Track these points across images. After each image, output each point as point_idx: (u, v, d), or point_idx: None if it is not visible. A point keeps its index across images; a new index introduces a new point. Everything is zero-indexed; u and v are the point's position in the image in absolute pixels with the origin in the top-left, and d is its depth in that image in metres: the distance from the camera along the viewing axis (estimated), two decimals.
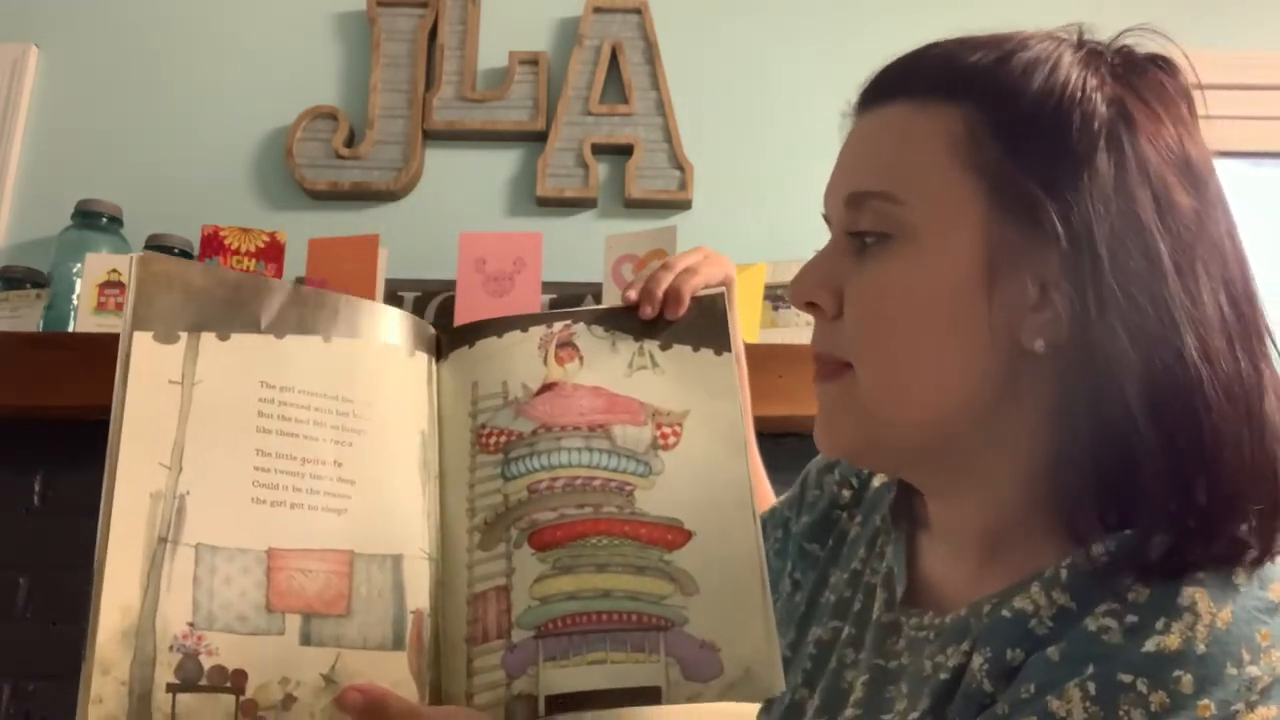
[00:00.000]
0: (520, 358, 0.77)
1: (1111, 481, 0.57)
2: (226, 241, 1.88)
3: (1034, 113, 0.60)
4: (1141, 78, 0.62)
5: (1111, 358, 0.56)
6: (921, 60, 0.65)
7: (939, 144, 0.62)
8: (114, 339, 0.66)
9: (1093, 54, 0.63)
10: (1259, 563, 0.56)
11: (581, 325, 0.78)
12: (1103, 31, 0.65)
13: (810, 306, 0.67)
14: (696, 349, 0.77)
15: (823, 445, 0.68)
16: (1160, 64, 0.63)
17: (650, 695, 0.67)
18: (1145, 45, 0.64)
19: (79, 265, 1.86)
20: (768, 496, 0.99)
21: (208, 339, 0.68)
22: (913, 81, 0.64)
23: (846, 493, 0.83)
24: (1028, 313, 0.59)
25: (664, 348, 0.78)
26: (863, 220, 0.64)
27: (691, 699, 0.67)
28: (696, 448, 0.74)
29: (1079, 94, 0.60)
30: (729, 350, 0.78)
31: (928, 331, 0.61)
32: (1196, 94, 0.63)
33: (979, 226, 0.60)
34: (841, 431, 0.66)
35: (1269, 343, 0.60)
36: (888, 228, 0.62)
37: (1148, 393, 0.56)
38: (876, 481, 0.81)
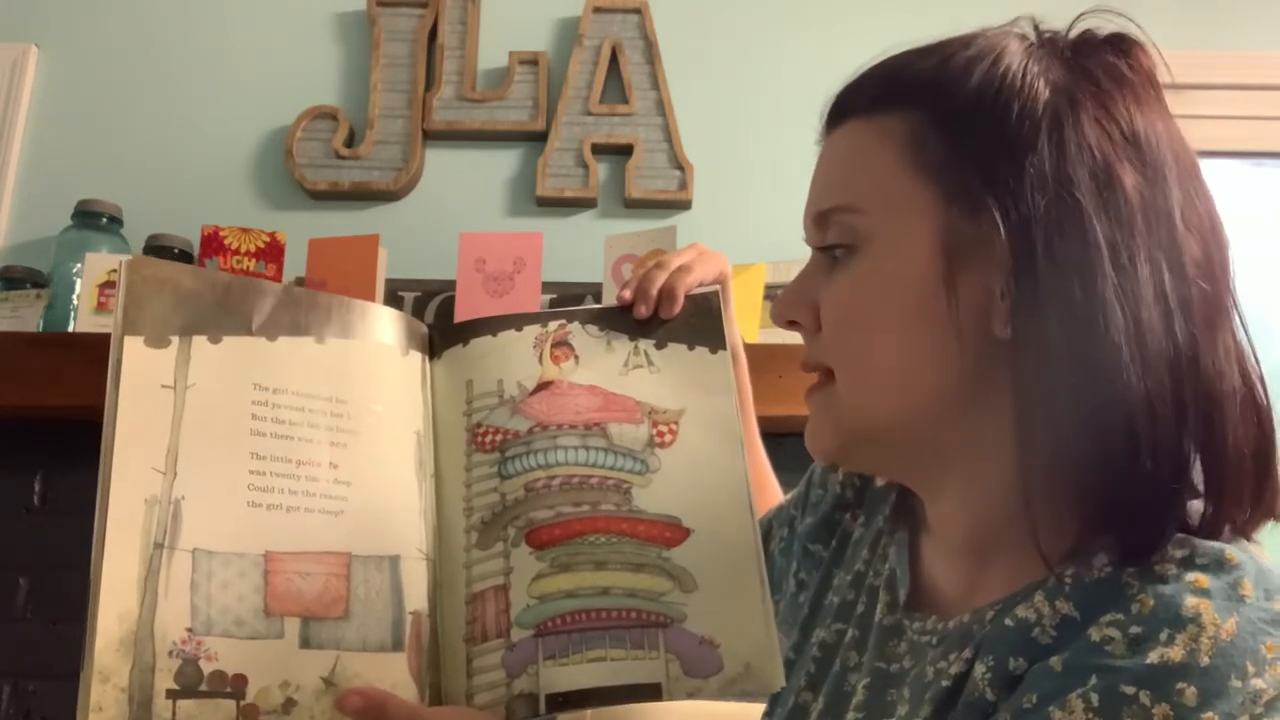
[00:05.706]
0: (515, 356, 0.77)
1: (1073, 471, 0.57)
2: (226, 241, 1.88)
3: (973, 107, 0.61)
4: (1092, 58, 0.62)
5: (1046, 340, 0.57)
6: (868, 76, 0.67)
7: (889, 150, 0.63)
8: None
9: (1042, 42, 0.63)
10: (1210, 533, 0.57)
11: (576, 324, 0.78)
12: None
13: (792, 325, 0.69)
14: (692, 347, 0.78)
15: (810, 451, 0.70)
16: (1114, 43, 0.63)
17: (650, 692, 0.67)
18: (1105, 28, 0.64)
19: (79, 265, 1.86)
20: (775, 492, 0.99)
21: (199, 342, 0.68)
22: (861, 97, 0.66)
23: (850, 493, 0.83)
24: (995, 301, 0.60)
25: (659, 346, 0.78)
26: (830, 235, 0.66)
27: (692, 695, 0.67)
28: (693, 445, 0.74)
29: (1019, 82, 0.60)
30: (724, 348, 0.78)
31: (892, 329, 0.62)
32: (1195, 94, 0.64)
33: (933, 223, 0.61)
34: (822, 435, 0.68)
35: (1231, 312, 0.60)
36: (851, 239, 0.64)
37: (1078, 374, 0.56)
38: (879, 481, 0.81)
